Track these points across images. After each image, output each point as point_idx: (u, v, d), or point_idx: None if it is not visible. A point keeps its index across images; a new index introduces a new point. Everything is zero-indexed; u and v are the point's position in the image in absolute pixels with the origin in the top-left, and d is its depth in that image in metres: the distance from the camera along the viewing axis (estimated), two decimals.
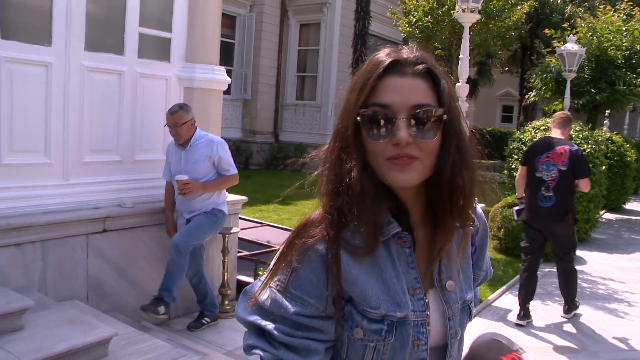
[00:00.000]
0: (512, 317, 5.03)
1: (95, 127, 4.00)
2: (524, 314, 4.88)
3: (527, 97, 14.32)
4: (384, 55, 1.01)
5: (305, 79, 16.13)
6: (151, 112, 4.37)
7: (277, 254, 1.05)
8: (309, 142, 14.65)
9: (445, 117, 0.99)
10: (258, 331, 1.04)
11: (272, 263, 1.06)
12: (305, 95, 16.08)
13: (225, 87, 4.87)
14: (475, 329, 4.68)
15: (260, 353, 1.02)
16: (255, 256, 5.15)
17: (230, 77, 4.89)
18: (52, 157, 3.76)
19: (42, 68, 3.66)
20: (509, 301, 5.47)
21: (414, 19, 6.88)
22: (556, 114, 5.26)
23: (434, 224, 1.05)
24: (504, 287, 5.81)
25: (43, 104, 3.68)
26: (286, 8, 15.56)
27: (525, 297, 4.89)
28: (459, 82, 5.23)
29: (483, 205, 5.72)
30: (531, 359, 4.17)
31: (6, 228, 3.35)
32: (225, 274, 4.51)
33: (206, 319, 4.21)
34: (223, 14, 4.88)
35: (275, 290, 1.02)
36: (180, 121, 3.92)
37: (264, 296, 1.03)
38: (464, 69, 5.17)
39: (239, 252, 5.16)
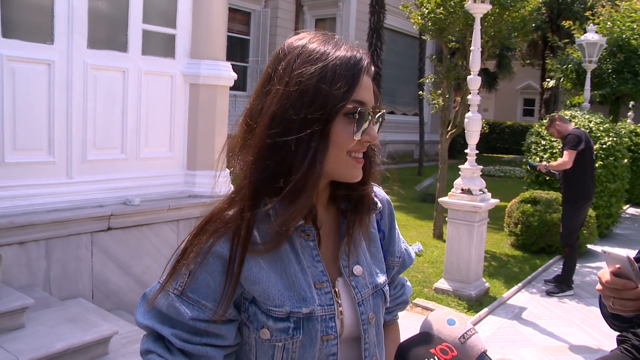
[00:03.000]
0: (527, 315, 4.91)
1: (100, 125, 3.99)
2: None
3: (545, 84, 14.05)
4: (351, 52, 0.96)
5: None
6: (157, 109, 4.34)
7: (177, 253, 0.99)
8: None
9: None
10: (156, 335, 0.99)
11: (170, 262, 1.00)
12: None
13: (232, 84, 4.82)
14: (489, 328, 4.58)
15: (157, 359, 0.97)
16: None
17: (246, 73, 4.81)
18: (56, 156, 3.74)
19: (45, 66, 3.65)
20: (524, 299, 5.34)
21: (427, 11, 6.74)
22: (554, 116, 5.63)
23: (338, 214, 1.06)
24: (519, 285, 5.67)
25: (46, 103, 3.67)
26: (301, 3, 15.50)
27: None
28: (470, 74, 5.11)
29: (497, 200, 5.49)
30: (546, 358, 4.06)
31: (9, 226, 3.35)
32: None
33: None
34: (237, 10, 4.82)
35: (172, 295, 0.97)
36: None
37: (162, 300, 0.97)
38: (476, 61, 5.03)
39: None
